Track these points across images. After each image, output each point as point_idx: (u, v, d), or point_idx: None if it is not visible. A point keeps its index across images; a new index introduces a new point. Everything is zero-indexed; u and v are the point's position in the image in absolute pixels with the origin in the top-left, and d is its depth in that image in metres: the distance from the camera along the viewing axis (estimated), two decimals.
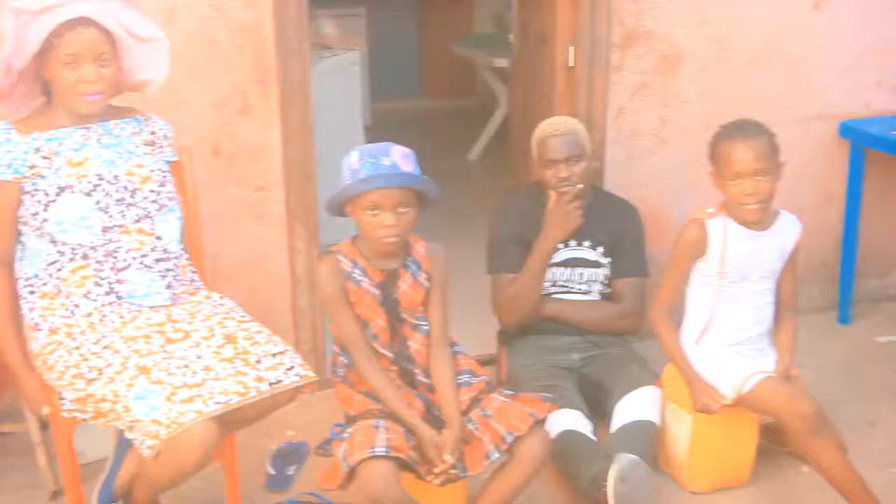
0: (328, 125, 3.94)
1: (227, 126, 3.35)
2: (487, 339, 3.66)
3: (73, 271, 2.56)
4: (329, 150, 3.53)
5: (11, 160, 2.54)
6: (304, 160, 3.43)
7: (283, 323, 3.57)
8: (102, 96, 2.59)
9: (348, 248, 2.70)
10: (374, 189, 2.55)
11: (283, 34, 3.31)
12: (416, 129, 8.34)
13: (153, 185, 2.67)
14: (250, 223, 3.48)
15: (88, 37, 2.52)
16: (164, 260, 2.66)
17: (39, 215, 2.54)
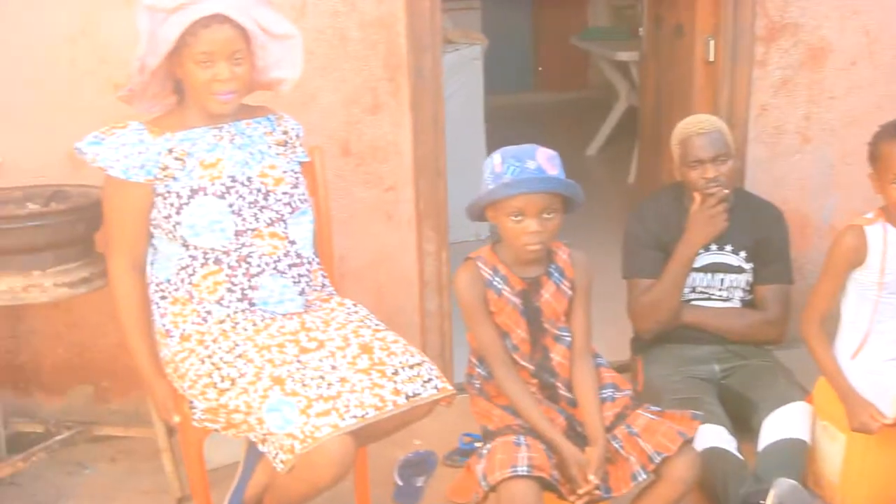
0: (450, 121, 3.83)
1: (357, 124, 3.25)
2: (618, 345, 3.50)
3: (205, 276, 2.48)
4: (451, 146, 3.42)
5: (144, 161, 2.47)
6: (434, 159, 3.32)
7: (411, 326, 3.48)
8: (236, 95, 2.51)
9: (488, 254, 2.56)
10: (518, 194, 2.41)
11: (415, 29, 3.19)
12: (530, 122, 8.24)
13: (286, 186, 2.57)
14: (379, 224, 3.38)
15: (223, 34, 2.43)
16: (297, 265, 2.56)
17: (171, 218, 2.47)
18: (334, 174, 3.24)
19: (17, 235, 2.57)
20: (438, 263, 3.42)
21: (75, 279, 2.67)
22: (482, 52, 5.07)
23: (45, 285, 2.62)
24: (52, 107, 3.05)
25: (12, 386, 3.25)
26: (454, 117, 4.19)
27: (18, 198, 2.89)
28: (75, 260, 2.70)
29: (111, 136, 2.49)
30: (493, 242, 2.59)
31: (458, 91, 4.86)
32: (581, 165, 6.92)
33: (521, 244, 2.46)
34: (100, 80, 3.05)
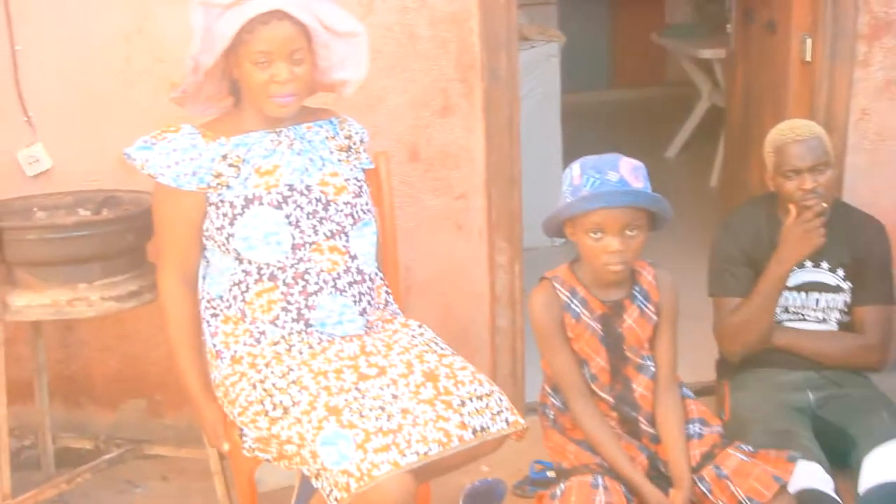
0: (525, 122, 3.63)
1: (427, 128, 3.06)
2: (701, 366, 3.27)
3: (259, 294, 2.30)
4: (525, 147, 3.22)
5: (196, 168, 2.30)
6: (509, 165, 3.11)
7: (480, 344, 3.29)
8: (295, 98, 2.33)
9: (566, 274, 2.35)
10: (598, 208, 2.19)
11: (489, 26, 2.98)
12: (606, 122, 8.02)
13: (348, 196, 2.39)
14: (448, 234, 3.19)
15: (282, 32, 2.25)
16: (359, 282, 2.37)
17: (224, 230, 2.29)
18: (401, 181, 3.05)
19: (63, 246, 2.42)
20: (511, 277, 3.21)
21: (123, 293, 2.51)
22: (559, 50, 4.84)
23: (92, 299, 2.46)
24: (106, 108, 2.92)
25: (62, 398, 3.12)
26: (529, 118, 3.97)
27: (69, 203, 2.75)
28: (124, 272, 2.54)
29: (162, 140, 2.33)
30: (571, 261, 2.38)
31: (533, 90, 4.65)
32: (660, 168, 6.59)
33: (601, 264, 2.24)
34: (156, 80, 2.90)
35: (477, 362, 3.25)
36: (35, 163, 2.87)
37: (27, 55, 2.85)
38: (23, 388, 3.02)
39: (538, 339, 2.38)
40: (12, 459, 3.06)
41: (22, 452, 3.12)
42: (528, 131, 3.70)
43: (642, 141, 7.34)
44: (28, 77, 2.86)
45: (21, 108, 2.86)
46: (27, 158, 2.86)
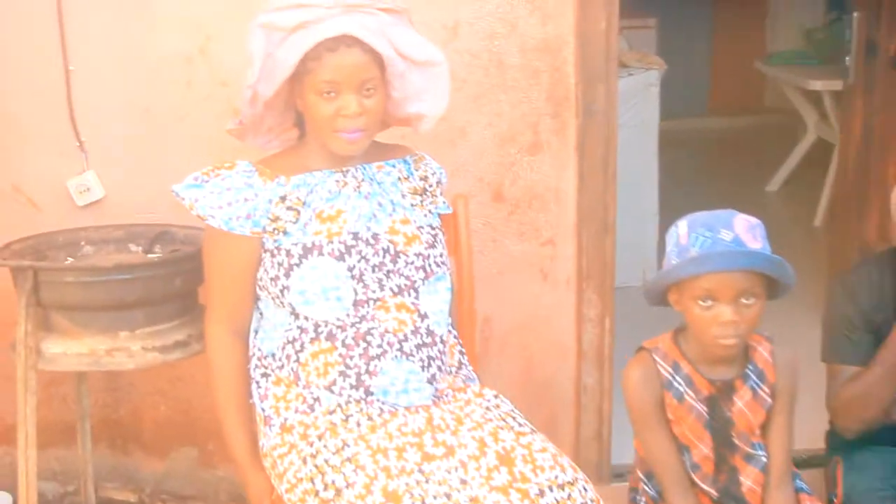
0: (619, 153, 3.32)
1: (513, 166, 2.77)
2: (807, 433, 2.90)
3: (314, 355, 2.03)
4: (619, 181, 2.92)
5: (251, 210, 2.05)
6: (602, 209, 2.80)
7: (564, 402, 3.00)
8: (364, 134, 2.06)
9: (668, 346, 2.04)
10: (709, 272, 1.88)
11: (586, 55, 2.68)
12: (702, 150, 7.67)
13: (421, 246, 2.11)
14: (532, 282, 2.89)
15: (352, 60, 1.99)
16: (428, 345, 2.08)
17: (279, 281, 2.03)
18: (483, 223, 2.77)
19: (102, 290, 2.19)
20: (601, 331, 2.90)
21: (169, 342, 2.27)
22: (659, 78, 4.52)
23: (133, 349, 2.22)
24: (163, 135, 2.68)
25: (108, 444, 2.90)
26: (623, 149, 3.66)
27: (119, 238, 2.54)
28: (170, 319, 2.30)
29: (215, 178, 2.08)
30: (675, 330, 2.07)
31: (629, 121, 4.33)
32: (760, 203, 6.28)
33: (711, 337, 1.93)
34: (218, 105, 2.66)
35: (560, 422, 2.99)
36: (86, 192, 2.65)
37: (81, 76, 2.63)
38: (68, 430, 2.83)
39: (633, 419, 2.08)
40: None
41: (65, 498, 2.91)
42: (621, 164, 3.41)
43: (740, 171, 7.02)
44: (82, 100, 2.64)
45: (73, 133, 2.64)
46: (78, 187, 2.64)
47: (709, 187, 6.52)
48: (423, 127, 2.21)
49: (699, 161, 7.34)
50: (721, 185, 6.60)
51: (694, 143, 7.73)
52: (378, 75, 2.04)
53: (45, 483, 2.84)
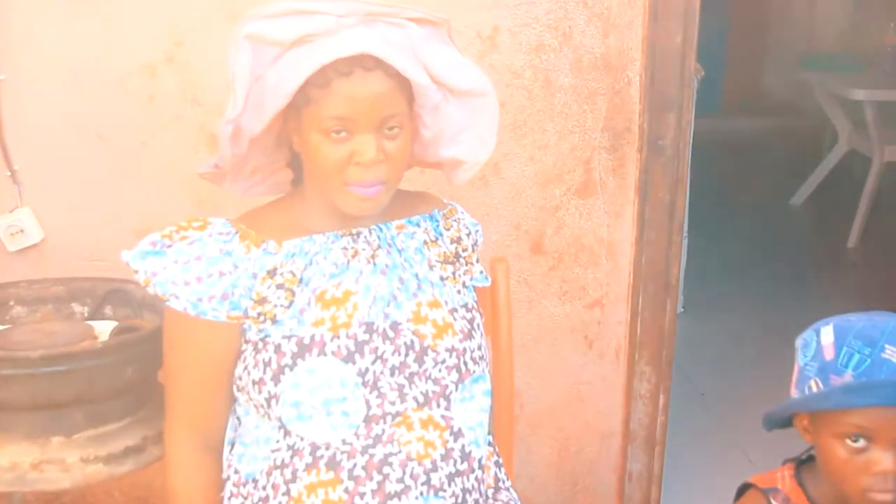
0: None
1: (557, 211, 2.26)
2: None
3: (311, 488, 1.50)
4: None
5: (229, 288, 1.51)
6: (665, 267, 2.30)
7: (604, 492, 2.55)
8: (385, 188, 1.53)
9: (791, 487, 1.52)
10: (869, 406, 1.36)
11: (656, 75, 2.17)
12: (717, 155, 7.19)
13: (454, 338, 1.58)
14: (573, 351, 2.41)
15: (371, 88, 1.46)
16: (463, 473, 1.56)
17: (265, 387, 1.50)
18: (517, 279, 2.27)
19: (29, 386, 1.63)
20: (653, 410, 2.42)
21: (117, 450, 1.72)
22: (696, 86, 3.98)
23: (69, 461, 1.67)
24: (118, 164, 2.15)
25: None
26: None
27: (60, 296, 1.99)
28: (119, 418, 1.75)
29: (180, 242, 1.54)
30: (796, 464, 1.55)
31: None
32: (784, 218, 5.86)
33: (859, 488, 1.41)
34: (189, 129, 2.13)
35: None
36: (19, 234, 2.10)
37: (13, 88, 2.08)
38: None
39: None
40: None
41: None
42: None
43: (760, 180, 6.58)
44: (14, 118, 2.10)
45: (3, 159, 2.10)
46: (9, 228, 2.09)
47: (729, 199, 6.07)
48: (460, 176, 1.68)
49: (716, 167, 6.88)
50: (742, 196, 6.17)
51: (708, 146, 7.26)
52: (405, 109, 1.51)
53: None
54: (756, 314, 4.21)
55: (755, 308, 4.29)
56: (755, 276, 4.72)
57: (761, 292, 4.48)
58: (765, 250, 5.16)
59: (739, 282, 4.68)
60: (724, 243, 5.14)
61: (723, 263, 4.91)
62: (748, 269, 4.85)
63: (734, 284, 4.67)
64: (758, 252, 5.12)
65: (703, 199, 5.52)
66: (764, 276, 4.69)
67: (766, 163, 7.17)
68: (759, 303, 4.34)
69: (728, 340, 4.00)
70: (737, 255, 5.08)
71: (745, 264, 4.93)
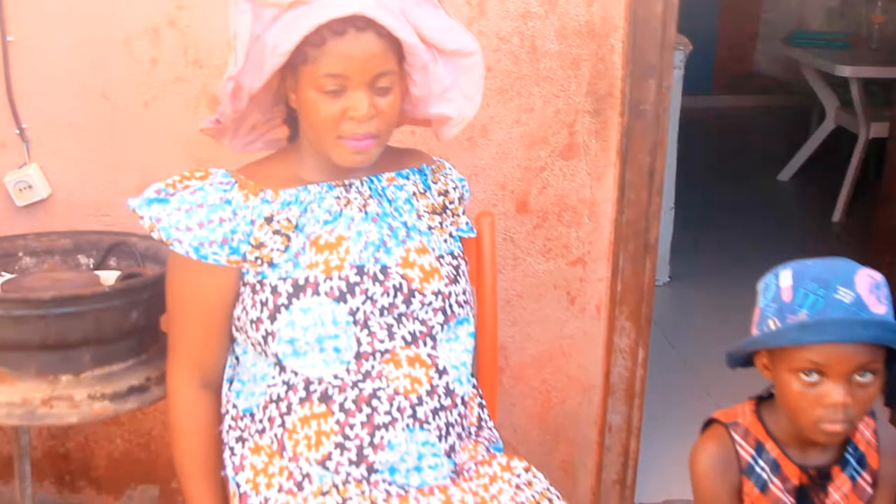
0: None
1: (542, 172, 2.35)
2: None
3: (305, 420, 1.61)
4: None
5: (228, 234, 1.62)
6: (645, 226, 2.38)
7: (585, 443, 2.63)
8: (376, 141, 1.63)
9: (751, 422, 1.63)
10: (821, 343, 1.46)
11: (638, 42, 2.25)
12: (708, 132, 7.29)
13: (440, 282, 1.68)
14: (557, 307, 2.48)
15: (364, 47, 1.56)
16: (447, 408, 1.66)
17: (262, 325, 1.60)
18: (503, 237, 2.36)
19: (39, 326, 1.72)
20: (632, 365, 2.50)
21: (122, 388, 1.81)
22: (684, 60, 4.08)
23: (77, 398, 1.77)
24: (122, 123, 2.22)
25: (55, 480, 2.47)
26: None
27: (67, 248, 2.08)
28: (124, 359, 1.84)
29: (183, 191, 1.64)
30: (756, 401, 1.65)
31: None
32: (771, 193, 5.94)
33: (812, 419, 1.52)
34: (191, 90, 2.21)
35: (579, 465, 2.62)
36: (27, 190, 2.18)
37: (23, 49, 2.15)
38: (6, 462, 2.41)
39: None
40: None
41: None
42: None
43: (750, 157, 6.66)
44: (23, 78, 2.17)
45: (12, 118, 2.17)
46: (17, 184, 2.17)
47: (718, 174, 6.15)
48: (447, 133, 1.78)
49: (706, 145, 6.96)
50: (730, 172, 6.25)
51: (699, 123, 7.34)
52: (396, 68, 1.61)
53: None
54: (741, 285, 4.27)
55: (740, 279, 4.36)
56: (741, 248, 4.79)
57: (746, 264, 4.56)
58: (751, 224, 5.24)
59: (725, 254, 4.76)
60: (712, 217, 5.23)
61: (710, 236, 4.99)
62: (734, 241, 4.93)
63: (720, 256, 4.75)
64: (744, 225, 5.19)
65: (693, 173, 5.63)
66: (749, 249, 4.76)
67: (756, 140, 7.22)
68: (744, 274, 4.41)
69: (712, 310, 4.09)
70: (724, 228, 5.16)
71: (731, 237, 5.01)
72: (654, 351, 3.65)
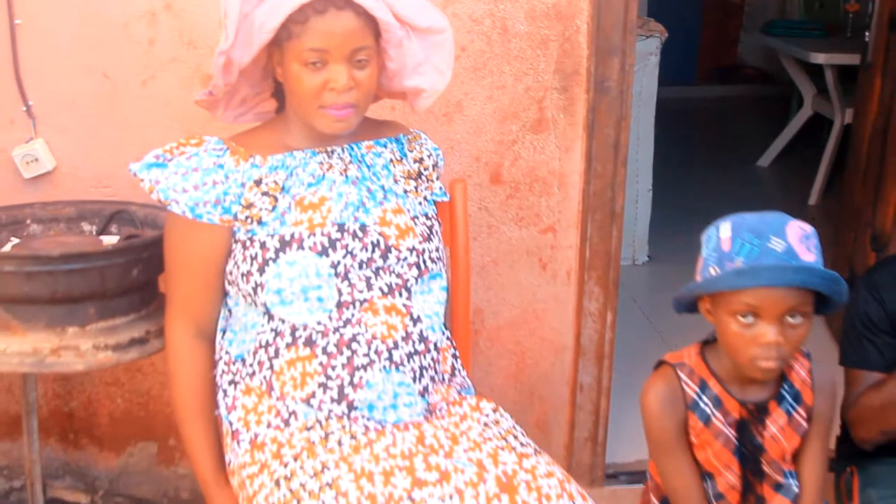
0: None
1: (514, 145, 2.50)
2: None
3: (291, 363, 1.77)
4: None
5: (221, 195, 1.78)
6: (611, 196, 2.54)
7: (558, 402, 2.78)
8: (355, 111, 1.79)
9: (696, 362, 1.80)
10: (755, 287, 1.63)
11: (602, 23, 2.41)
12: (691, 121, 7.45)
13: (414, 239, 1.85)
14: (529, 273, 2.64)
15: (343, 24, 1.72)
16: (421, 353, 1.83)
17: (252, 277, 1.77)
18: (478, 206, 2.51)
19: (48, 281, 1.89)
20: (601, 327, 2.66)
21: (124, 340, 1.98)
22: (660, 47, 4.24)
23: (83, 348, 1.94)
24: (122, 101, 2.37)
25: (59, 437, 2.63)
26: None
27: (71, 216, 2.25)
28: (126, 314, 2.01)
29: (179, 156, 1.81)
30: (702, 343, 1.82)
31: None
32: (751, 179, 6.09)
33: (748, 357, 1.69)
34: (186, 69, 2.36)
35: (553, 423, 2.77)
36: (33, 163, 2.33)
37: (30, 31, 2.30)
38: (13, 421, 2.56)
39: (650, 442, 1.83)
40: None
41: (11, 494, 2.64)
42: None
43: (731, 144, 6.83)
44: (29, 58, 2.32)
45: (20, 96, 2.32)
46: (24, 157, 2.33)
47: (699, 161, 6.31)
48: (421, 104, 1.95)
49: (688, 133, 7.13)
50: (712, 159, 6.40)
51: (682, 113, 7.50)
52: (372, 43, 1.78)
53: None
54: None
55: None
56: None
57: None
58: (730, 207, 5.32)
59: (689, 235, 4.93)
60: (693, 200, 5.35)
61: (689, 218, 5.11)
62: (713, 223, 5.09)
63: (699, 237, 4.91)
64: (723, 209, 5.31)
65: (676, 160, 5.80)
66: None
67: (738, 128, 7.39)
68: None
69: None
70: (703, 211, 5.23)
71: (710, 219, 5.11)
72: (634, 327, 3.81)
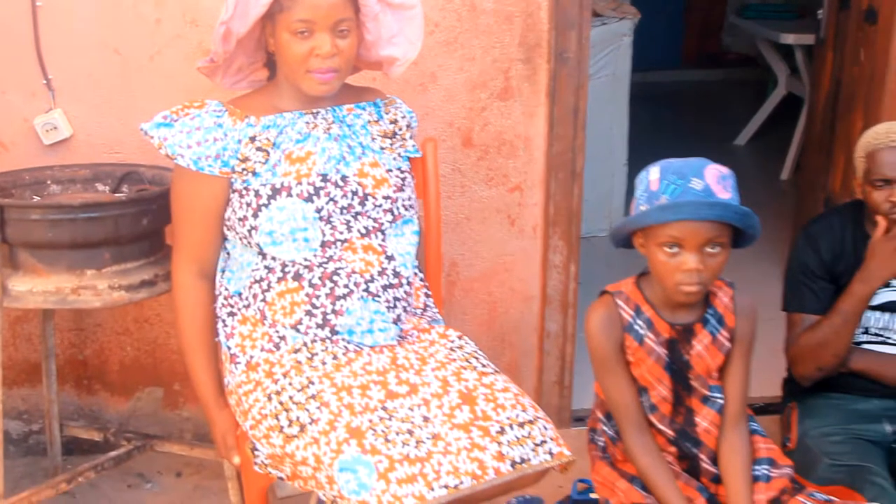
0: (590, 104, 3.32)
1: (483, 112, 2.77)
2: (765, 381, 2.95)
3: (281, 294, 2.05)
4: (588, 133, 2.91)
5: (220, 150, 2.05)
6: (571, 157, 2.82)
7: (527, 348, 3.03)
8: (337, 75, 2.06)
9: (631, 290, 2.07)
10: (676, 221, 1.90)
11: (561, 1, 2.67)
12: (674, 103, 7.66)
13: (389, 189, 2.12)
14: (499, 229, 2.91)
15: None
16: (394, 286, 2.11)
17: (247, 221, 2.04)
18: (451, 168, 2.78)
19: (69, 228, 2.17)
20: (566, 278, 2.93)
21: (135, 282, 2.27)
22: (633, 28, 4.50)
23: (99, 288, 2.22)
24: (132, 74, 2.65)
25: (74, 383, 2.90)
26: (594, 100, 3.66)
27: (86, 177, 2.52)
28: (137, 259, 2.29)
29: (184, 117, 2.08)
30: (638, 275, 2.09)
31: (601, 71, 4.34)
32: (728, 156, 6.28)
33: (674, 283, 1.95)
34: (189, 45, 2.64)
35: (523, 367, 3.03)
36: (53, 130, 2.61)
37: (49, 12, 2.58)
38: (33, 369, 2.84)
39: (594, 361, 2.10)
40: (19, 444, 2.88)
41: (30, 437, 2.92)
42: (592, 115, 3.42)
43: (710, 125, 7.05)
44: (49, 37, 2.60)
45: (40, 71, 2.60)
46: (45, 125, 2.61)
47: (677, 140, 6.54)
48: (395, 72, 2.22)
49: (670, 114, 7.36)
50: (690, 138, 6.64)
51: (666, 96, 7.74)
52: (353, 16, 2.05)
53: (10, 422, 2.85)
54: None
55: None
56: None
57: None
58: None
59: None
60: None
61: None
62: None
63: None
64: None
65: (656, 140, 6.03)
66: None
67: (719, 109, 7.58)
68: None
69: None
70: None
71: None
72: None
